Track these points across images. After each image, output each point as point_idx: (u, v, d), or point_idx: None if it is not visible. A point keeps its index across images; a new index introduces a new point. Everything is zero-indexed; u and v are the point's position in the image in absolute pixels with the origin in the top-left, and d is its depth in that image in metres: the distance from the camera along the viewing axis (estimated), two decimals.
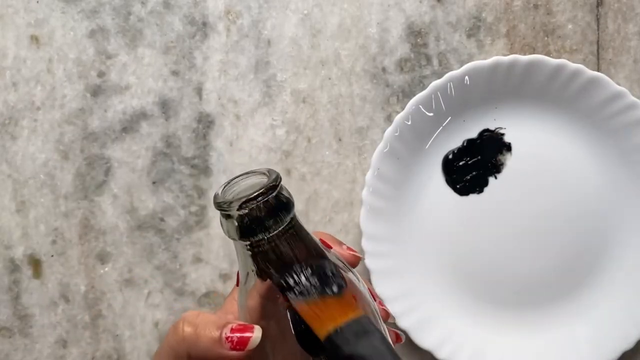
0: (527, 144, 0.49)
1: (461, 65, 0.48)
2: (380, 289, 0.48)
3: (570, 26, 0.51)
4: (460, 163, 0.49)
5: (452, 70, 0.49)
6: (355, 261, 0.37)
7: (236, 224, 0.31)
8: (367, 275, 0.48)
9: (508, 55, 0.48)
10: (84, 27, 0.50)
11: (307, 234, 0.33)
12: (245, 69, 0.50)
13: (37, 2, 0.50)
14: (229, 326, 0.32)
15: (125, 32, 0.51)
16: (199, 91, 0.50)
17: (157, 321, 0.50)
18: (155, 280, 0.50)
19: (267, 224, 0.31)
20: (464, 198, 0.49)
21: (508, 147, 0.50)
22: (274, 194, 0.31)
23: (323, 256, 0.33)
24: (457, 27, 0.51)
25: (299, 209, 0.50)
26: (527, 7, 0.51)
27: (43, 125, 0.50)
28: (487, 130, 0.49)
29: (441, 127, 0.49)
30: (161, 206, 0.50)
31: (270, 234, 0.31)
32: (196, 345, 0.32)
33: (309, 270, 0.31)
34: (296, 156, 0.50)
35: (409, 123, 0.48)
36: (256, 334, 0.31)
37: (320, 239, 0.35)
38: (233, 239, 0.32)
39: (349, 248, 0.37)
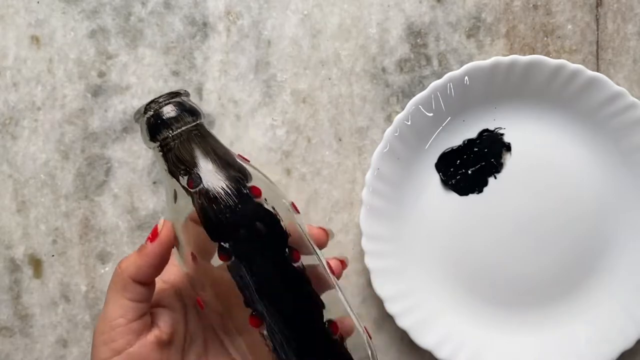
0: (526, 144, 0.49)
1: (461, 66, 0.48)
2: (380, 289, 0.48)
3: (569, 26, 0.51)
4: (459, 163, 0.50)
5: (452, 70, 0.49)
6: (322, 237, 0.39)
7: (145, 126, 0.36)
8: (367, 275, 0.48)
9: (508, 55, 0.48)
10: (84, 27, 0.51)
11: (217, 142, 0.37)
12: (245, 69, 0.51)
13: (38, 2, 0.51)
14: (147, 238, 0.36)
15: (125, 32, 0.51)
16: (199, 91, 0.50)
17: None
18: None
19: (169, 121, 0.35)
20: (464, 198, 0.49)
21: (508, 147, 0.50)
22: (176, 99, 0.36)
23: (230, 159, 0.36)
24: (457, 28, 0.51)
25: (300, 208, 0.50)
26: (526, 7, 0.51)
27: (44, 125, 0.50)
28: (486, 130, 0.50)
29: (441, 127, 0.49)
30: (161, 206, 0.50)
31: (174, 132, 0.35)
32: (133, 267, 0.35)
33: (213, 166, 0.35)
34: (296, 156, 0.50)
35: (409, 123, 0.48)
36: (160, 221, 0.35)
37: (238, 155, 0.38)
38: (148, 147, 0.36)
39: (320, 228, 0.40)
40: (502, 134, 0.49)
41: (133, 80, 0.50)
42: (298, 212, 0.38)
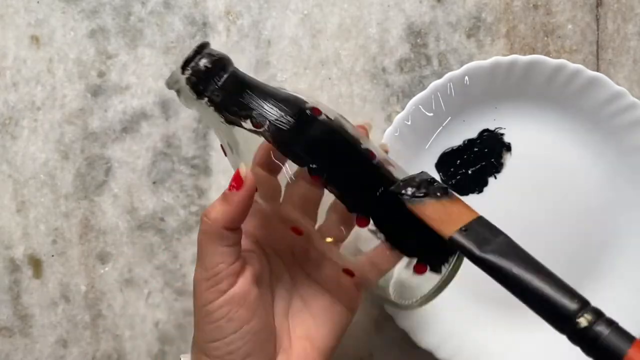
0: (526, 144, 0.49)
1: (461, 66, 0.48)
2: None
3: (570, 26, 0.51)
4: (460, 163, 0.49)
5: (452, 70, 0.49)
6: (365, 133, 0.41)
7: (189, 88, 0.36)
8: None
9: (508, 55, 0.48)
10: (84, 27, 0.51)
11: (255, 80, 0.37)
12: (245, 69, 0.50)
13: (38, 2, 0.50)
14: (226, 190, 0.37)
15: (125, 32, 0.51)
16: None
17: (157, 321, 0.50)
18: (155, 280, 0.50)
19: (210, 74, 0.36)
20: (464, 198, 0.49)
21: (508, 147, 0.50)
22: (206, 51, 0.36)
23: (277, 91, 0.37)
24: (457, 27, 0.51)
25: None
26: (527, 7, 0.51)
27: (43, 125, 0.50)
28: (487, 130, 0.50)
29: (441, 127, 0.49)
30: (161, 206, 0.50)
31: (219, 83, 0.36)
32: (223, 216, 0.36)
33: (269, 103, 0.36)
34: None
35: (409, 123, 0.48)
36: (241, 168, 0.36)
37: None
38: (192, 107, 0.37)
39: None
40: (502, 134, 0.49)
41: (133, 80, 0.50)
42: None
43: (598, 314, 0.26)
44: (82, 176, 0.50)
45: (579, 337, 0.27)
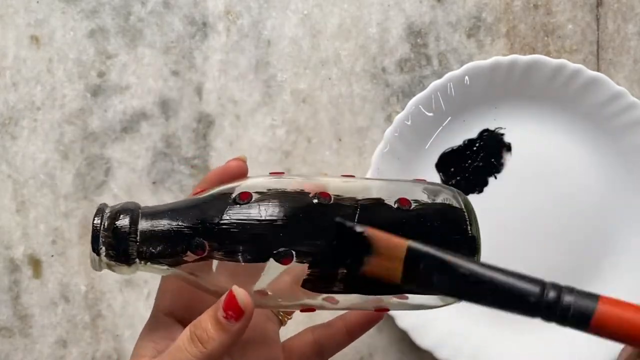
0: (527, 144, 0.49)
1: (461, 65, 0.48)
2: None
3: (570, 26, 0.51)
4: (460, 163, 0.49)
5: (452, 70, 0.49)
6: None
7: (115, 262, 0.32)
8: None
9: (508, 55, 0.48)
10: (84, 27, 0.51)
11: (167, 205, 0.33)
12: (245, 69, 0.50)
13: (37, 2, 0.50)
14: (218, 306, 0.32)
15: (125, 32, 0.51)
16: (199, 91, 0.50)
17: None
18: (155, 281, 0.50)
19: (124, 232, 0.31)
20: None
21: (508, 147, 0.50)
22: (105, 214, 0.32)
23: (196, 200, 0.32)
24: (457, 27, 0.51)
25: None
26: (527, 7, 0.51)
27: (43, 125, 0.50)
28: (487, 130, 0.49)
29: (441, 127, 0.49)
30: None
31: (137, 235, 0.31)
32: (220, 348, 0.32)
33: (197, 212, 0.31)
34: (296, 156, 0.50)
35: (409, 123, 0.48)
36: (239, 293, 0.31)
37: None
38: (129, 273, 0.32)
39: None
40: (502, 134, 0.49)
41: (133, 80, 0.50)
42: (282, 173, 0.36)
43: (559, 288, 0.28)
44: (82, 176, 0.50)
45: (551, 314, 0.27)
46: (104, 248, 0.31)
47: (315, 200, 0.31)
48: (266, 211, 0.31)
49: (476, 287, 0.29)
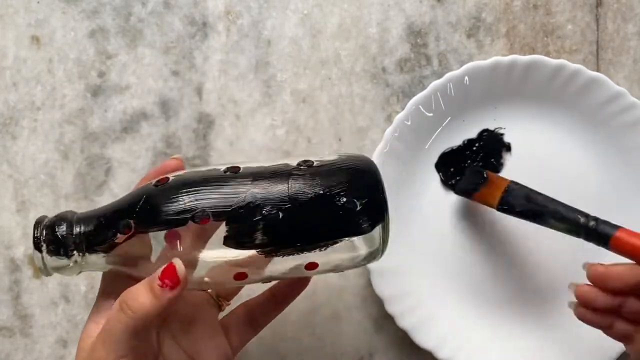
0: (526, 144, 0.49)
1: (461, 66, 0.48)
2: (380, 289, 0.48)
3: (569, 26, 0.51)
4: (460, 163, 0.49)
5: (452, 70, 0.49)
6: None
7: (56, 255, 0.35)
8: (367, 275, 0.48)
9: (508, 55, 0.48)
10: (84, 27, 0.51)
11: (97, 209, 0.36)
12: (245, 69, 0.51)
13: (38, 2, 0.51)
14: (154, 276, 0.33)
15: (125, 32, 0.51)
16: (199, 91, 0.50)
17: None
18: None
19: (68, 235, 0.35)
20: (464, 198, 0.49)
21: (508, 147, 0.50)
22: (44, 223, 0.35)
23: (116, 204, 0.36)
24: (457, 27, 0.51)
25: None
26: (526, 7, 0.51)
27: (43, 125, 0.50)
28: (486, 130, 0.49)
29: (441, 127, 0.49)
30: None
31: (75, 229, 0.35)
32: (148, 311, 0.33)
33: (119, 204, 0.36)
34: (296, 156, 0.50)
35: (409, 123, 0.48)
36: (178, 264, 0.33)
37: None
38: (77, 268, 0.36)
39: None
40: (502, 134, 0.49)
41: (133, 80, 0.50)
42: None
43: (597, 219, 0.42)
44: (82, 176, 0.50)
45: (592, 236, 0.42)
46: (44, 245, 0.35)
47: (227, 172, 0.35)
48: (181, 186, 0.34)
49: (546, 212, 0.44)
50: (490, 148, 0.49)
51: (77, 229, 0.35)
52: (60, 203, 0.50)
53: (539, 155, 0.49)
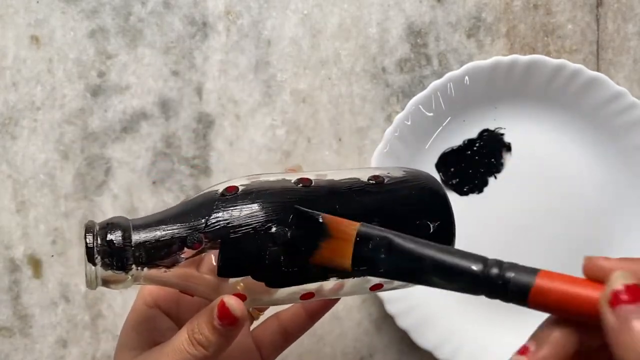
0: (526, 144, 0.49)
1: (461, 65, 0.48)
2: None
3: (570, 26, 0.51)
4: (460, 163, 0.49)
5: (452, 70, 0.49)
6: None
7: (112, 270, 0.32)
8: None
9: (508, 55, 0.48)
10: (84, 27, 0.51)
11: (154, 215, 0.33)
12: (245, 69, 0.51)
13: (37, 2, 0.50)
14: (213, 315, 0.32)
15: (125, 32, 0.51)
16: (199, 91, 0.50)
17: None
18: None
19: (120, 242, 0.31)
20: (464, 198, 0.49)
21: (508, 147, 0.50)
22: (97, 228, 0.32)
23: (177, 207, 0.33)
24: (457, 27, 0.51)
25: None
26: (527, 7, 0.51)
27: (43, 125, 0.50)
28: (487, 130, 0.50)
29: (441, 127, 0.49)
30: (161, 206, 0.50)
31: (132, 240, 0.31)
32: (219, 351, 0.33)
33: (184, 216, 0.32)
34: (296, 156, 0.50)
35: (409, 123, 0.48)
36: (231, 303, 0.32)
37: None
38: (132, 282, 0.32)
39: None
40: (502, 134, 0.49)
41: (133, 80, 0.50)
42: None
43: (500, 264, 0.28)
44: (82, 176, 0.50)
45: (492, 290, 0.28)
46: (99, 257, 0.31)
47: (299, 185, 0.33)
48: (256, 197, 0.32)
49: (421, 266, 0.29)
50: (490, 148, 0.49)
51: (136, 238, 0.31)
52: (60, 203, 0.50)
53: (539, 155, 0.49)
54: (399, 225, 0.31)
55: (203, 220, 0.31)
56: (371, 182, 0.33)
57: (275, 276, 0.32)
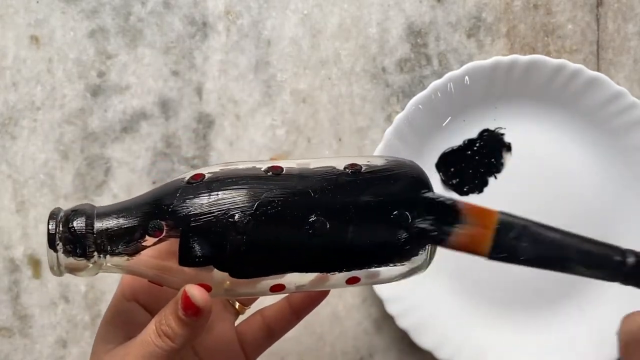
0: (527, 144, 0.49)
1: (461, 65, 0.48)
2: (380, 289, 0.48)
3: (570, 26, 0.51)
4: (460, 162, 0.49)
5: (452, 70, 0.49)
6: None
7: (73, 255, 0.32)
8: None
9: (508, 55, 0.48)
10: (84, 27, 0.50)
11: (119, 203, 0.33)
12: (245, 69, 0.51)
13: (37, 2, 0.50)
14: (178, 306, 0.32)
15: (125, 32, 0.51)
16: (199, 91, 0.50)
17: None
18: None
19: (81, 228, 0.31)
20: (464, 198, 0.49)
21: (508, 147, 0.50)
22: (60, 215, 0.32)
23: (146, 195, 0.33)
24: (457, 27, 0.51)
25: None
26: (527, 7, 0.51)
27: (43, 125, 0.50)
28: (487, 130, 0.49)
29: (441, 127, 0.49)
30: None
31: (94, 227, 0.31)
32: (184, 342, 0.33)
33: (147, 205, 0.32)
34: (296, 156, 0.50)
35: (409, 123, 0.48)
36: (193, 292, 0.31)
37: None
38: (97, 268, 0.32)
39: None
40: (502, 134, 0.49)
41: (133, 80, 0.50)
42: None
43: (637, 254, 0.30)
44: (81, 176, 0.50)
45: (630, 278, 0.30)
46: (61, 244, 0.31)
47: (268, 173, 0.32)
48: (221, 185, 0.31)
49: (565, 255, 0.31)
50: (490, 148, 0.49)
51: (98, 225, 0.31)
52: (60, 203, 0.50)
53: (539, 155, 0.49)
54: (373, 217, 0.31)
55: (165, 208, 0.31)
56: (347, 170, 0.32)
57: (238, 266, 0.31)
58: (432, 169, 0.49)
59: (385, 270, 0.33)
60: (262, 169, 0.32)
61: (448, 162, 0.49)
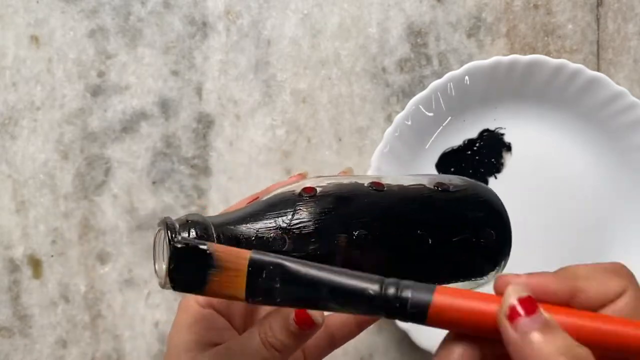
0: (527, 144, 0.49)
1: (461, 65, 0.48)
2: None
3: (570, 26, 0.51)
4: (460, 162, 0.49)
5: (452, 70, 0.49)
6: None
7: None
8: None
9: (508, 55, 0.48)
10: (83, 27, 0.50)
11: (225, 215, 0.33)
12: (245, 69, 0.50)
13: (37, 2, 0.50)
14: (289, 318, 0.33)
15: (125, 32, 0.51)
16: (199, 91, 0.50)
17: (157, 321, 0.50)
18: (155, 281, 0.50)
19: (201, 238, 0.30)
20: None
21: (508, 147, 0.50)
22: (179, 237, 0.30)
23: (251, 207, 0.34)
24: (457, 27, 0.51)
25: None
26: (527, 7, 0.51)
27: (43, 125, 0.50)
28: (487, 130, 0.49)
29: (441, 127, 0.49)
30: (161, 206, 0.50)
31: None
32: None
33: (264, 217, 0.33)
34: (296, 156, 0.50)
35: (409, 123, 0.48)
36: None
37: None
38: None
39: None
40: (502, 134, 0.49)
41: (132, 80, 0.50)
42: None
43: (397, 284, 0.27)
44: (81, 176, 0.50)
45: (390, 310, 0.27)
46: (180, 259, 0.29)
47: (372, 188, 0.34)
48: (332, 200, 0.33)
49: (317, 292, 0.28)
50: (490, 148, 0.49)
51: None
52: (60, 203, 0.50)
53: (539, 155, 0.49)
54: (468, 232, 0.34)
55: (284, 222, 0.32)
56: (438, 189, 0.35)
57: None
58: (432, 169, 0.49)
59: (461, 285, 0.35)
60: (365, 184, 0.34)
61: (448, 162, 0.49)
